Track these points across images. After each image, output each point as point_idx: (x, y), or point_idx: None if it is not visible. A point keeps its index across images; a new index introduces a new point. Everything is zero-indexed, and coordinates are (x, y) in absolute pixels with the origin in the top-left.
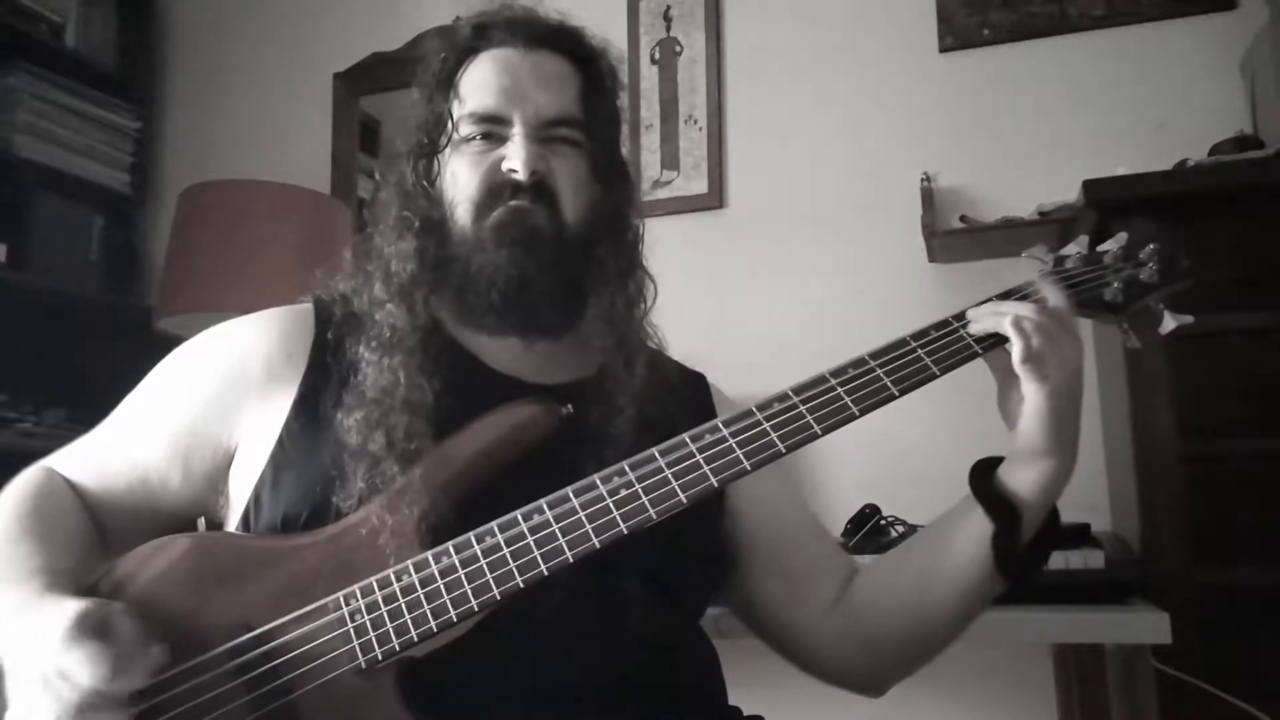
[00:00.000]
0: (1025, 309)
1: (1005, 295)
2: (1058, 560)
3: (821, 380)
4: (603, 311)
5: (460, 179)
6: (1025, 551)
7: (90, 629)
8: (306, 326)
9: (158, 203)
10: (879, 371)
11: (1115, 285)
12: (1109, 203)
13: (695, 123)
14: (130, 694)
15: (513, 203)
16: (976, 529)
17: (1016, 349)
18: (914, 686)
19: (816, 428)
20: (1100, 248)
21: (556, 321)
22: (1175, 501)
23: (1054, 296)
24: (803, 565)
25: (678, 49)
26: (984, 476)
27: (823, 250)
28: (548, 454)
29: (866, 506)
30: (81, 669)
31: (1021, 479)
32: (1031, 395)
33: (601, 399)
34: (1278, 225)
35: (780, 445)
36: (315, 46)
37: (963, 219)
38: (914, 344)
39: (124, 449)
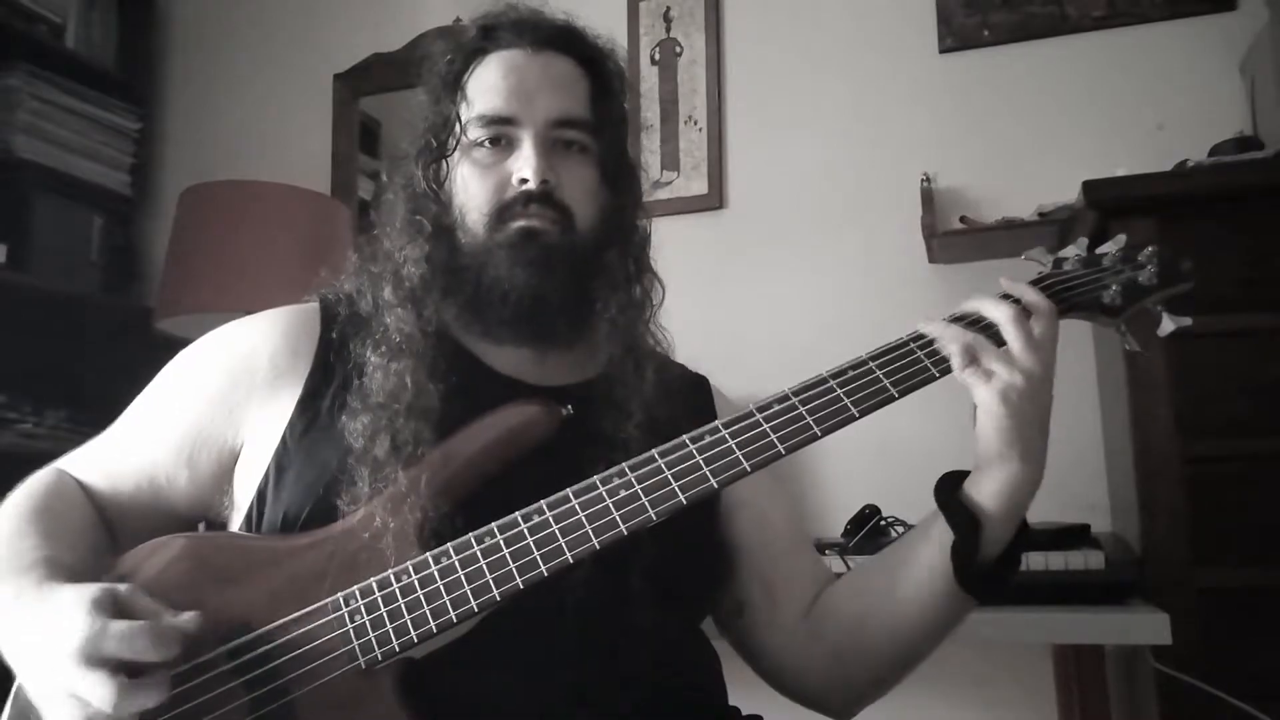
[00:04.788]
0: (961, 323)
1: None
2: (1057, 561)
3: (821, 381)
4: (612, 316)
5: (471, 187)
6: (988, 564)
7: (108, 607)
8: (312, 325)
9: (158, 203)
10: (878, 373)
11: (1113, 288)
12: (1109, 203)
13: (695, 123)
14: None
15: (524, 223)
16: (941, 538)
17: (953, 360)
18: (914, 686)
19: (816, 429)
20: (1099, 250)
21: (569, 333)
22: (1175, 501)
23: (1028, 294)
24: (782, 573)
25: (678, 49)
26: (950, 486)
27: (822, 251)
28: (558, 456)
29: (866, 507)
30: (121, 644)
31: (983, 488)
32: (980, 399)
33: (611, 402)
34: (1278, 226)
35: (780, 446)
36: (315, 46)
37: (963, 219)
38: (913, 345)
39: (132, 449)
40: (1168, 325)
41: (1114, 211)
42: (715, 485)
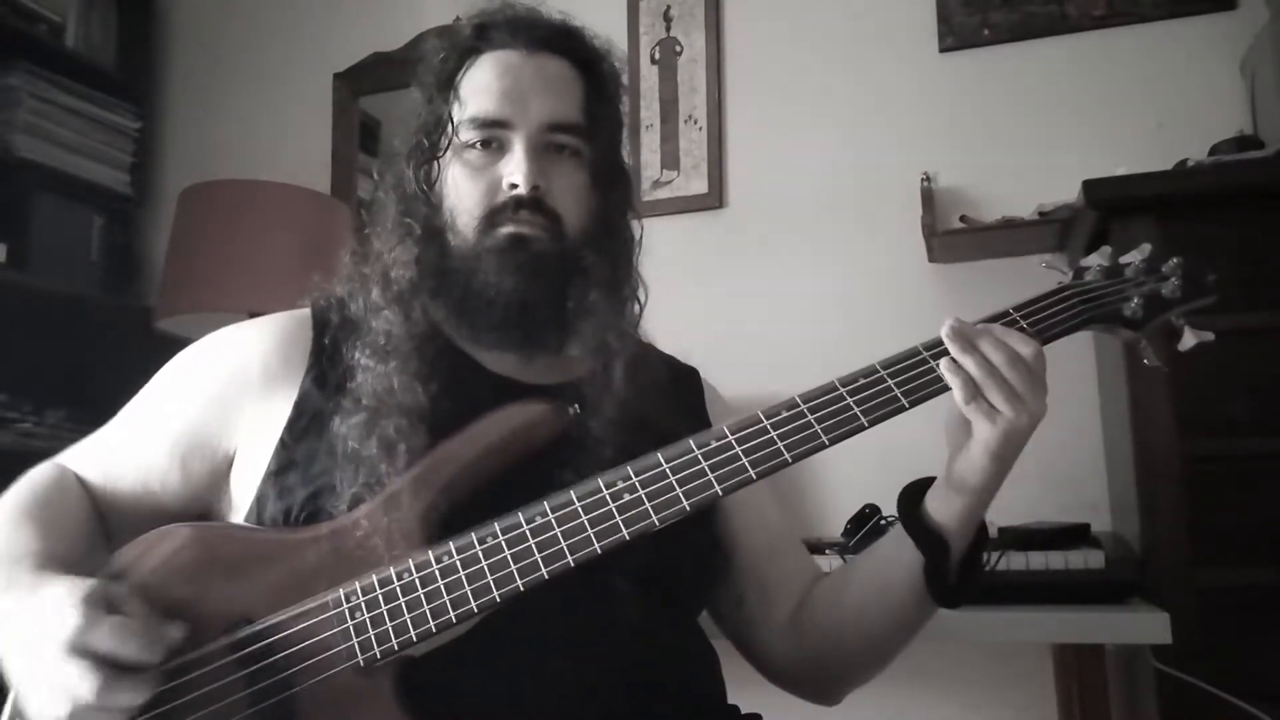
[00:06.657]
0: (971, 357)
1: (998, 317)
2: (1058, 560)
3: (831, 389)
4: (591, 318)
5: (461, 190)
6: (957, 573)
7: (101, 603)
8: (305, 332)
9: (158, 203)
10: (889, 381)
11: (1135, 300)
12: (1109, 203)
13: (695, 123)
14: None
15: (513, 229)
16: (909, 557)
17: (957, 393)
18: (914, 686)
19: (824, 437)
20: (1122, 259)
21: (556, 338)
22: (1175, 501)
23: (1021, 343)
24: (778, 573)
25: (678, 49)
26: (912, 505)
27: (822, 250)
28: (554, 454)
29: (866, 506)
30: (112, 640)
31: (950, 509)
32: (983, 433)
33: (599, 401)
34: (1278, 226)
35: (787, 455)
36: (315, 46)
37: (963, 219)
38: (925, 354)
39: (128, 450)
40: (1189, 339)
41: (1114, 211)
42: (720, 492)
